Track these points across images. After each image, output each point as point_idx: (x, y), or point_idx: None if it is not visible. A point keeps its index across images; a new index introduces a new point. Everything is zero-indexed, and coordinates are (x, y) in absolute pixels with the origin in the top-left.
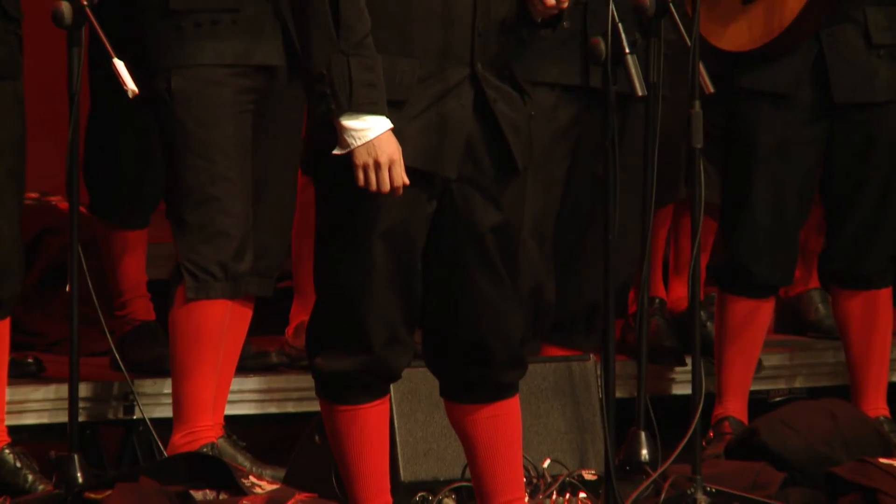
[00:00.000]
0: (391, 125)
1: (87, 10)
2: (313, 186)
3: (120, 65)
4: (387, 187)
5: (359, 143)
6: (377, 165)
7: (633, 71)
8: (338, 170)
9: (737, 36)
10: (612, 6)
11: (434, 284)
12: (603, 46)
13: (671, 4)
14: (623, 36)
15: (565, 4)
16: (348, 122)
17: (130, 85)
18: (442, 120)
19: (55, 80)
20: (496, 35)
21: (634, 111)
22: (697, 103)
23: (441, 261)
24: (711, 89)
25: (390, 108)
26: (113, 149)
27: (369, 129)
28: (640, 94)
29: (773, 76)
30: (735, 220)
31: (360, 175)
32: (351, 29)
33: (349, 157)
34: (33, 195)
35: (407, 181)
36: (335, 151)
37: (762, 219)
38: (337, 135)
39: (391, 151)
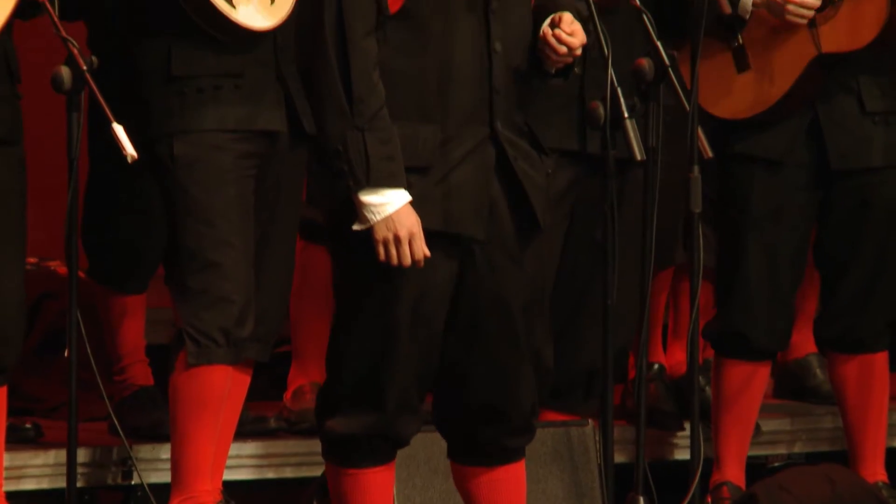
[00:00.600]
0: (409, 198)
1: (87, 76)
2: (312, 250)
3: (119, 130)
4: (408, 261)
5: (378, 217)
6: (397, 240)
7: (631, 135)
8: (358, 239)
9: (732, 103)
10: (610, 71)
11: (452, 345)
12: (602, 111)
13: (670, 70)
14: (622, 100)
15: (578, 53)
16: (367, 198)
17: (129, 150)
18: (465, 182)
19: (54, 144)
20: (513, 92)
21: (632, 175)
22: (696, 168)
23: (462, 323)
24: (710, 154)
25: (414, 174)
26: (112, 213)
27: (388, 204)
28: (638, 158)
29: (768, 142)
30: (730, 285)
31: (381, 250)
32: (364, 103)
33: (369, 232)
34: (32, 260)
35: (427, 253)
36: (354, 227)
37: (757, 284)
38: (356, 209)
39: (410, 224)
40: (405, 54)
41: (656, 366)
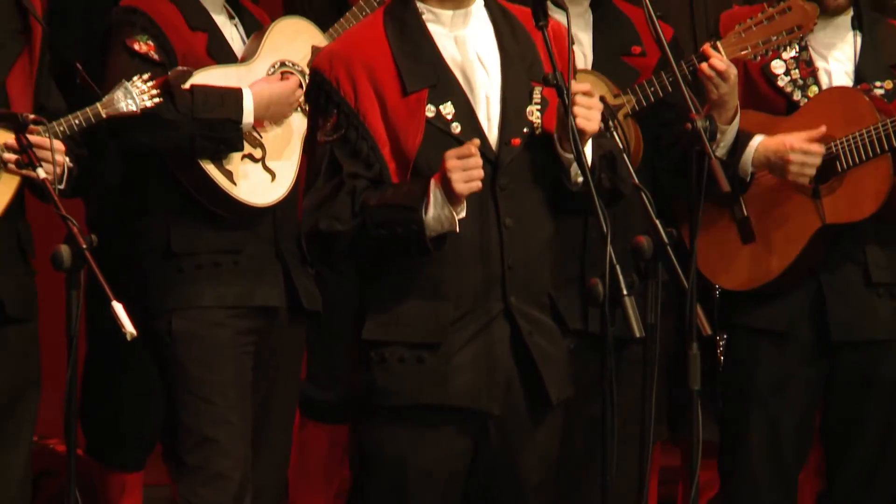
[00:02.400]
0: (433, 181)
1: (87, 254)
2: (311, 428)
3: (118, 308)
4: (479, 169)
5: (446, 215)
6: (459, 176)
7: (630, 313)
8: (373, 415)
9: (736, 275)
10: (609, 248)
11: None
12: (601, 288)
13: (668, 247)
14: (621, 278)
15: (595, 123)
16: (428, 223)
17: (129, 328)
18: (479, 357)
19: (53, 321)
20: (529, 266)
21: (630, 352)
22: (695, 345)
23: (475, 500)
24: (709, 331)
25: (426, 350)
26: (110, 391)
27: (437, 204)
28: (637, 335)
29: (772, 314)
30: (733, 461)
31: (463, 188)
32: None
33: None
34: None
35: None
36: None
37: (759, 461)
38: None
39: (448, 180)
40: None
41: None
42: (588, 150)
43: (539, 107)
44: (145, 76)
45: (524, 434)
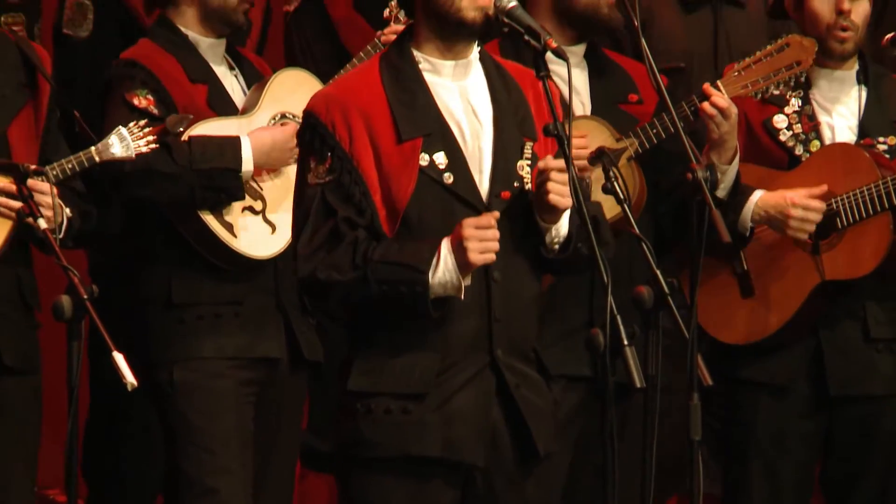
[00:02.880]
0: (446, 240)
1: (88, 304)
2: (312, 478)
3: (119, 358)
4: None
5: (454, 279)
6: (474, 246)
7: (631, 363)
8: (362, 471)
9: (736, 328)
10: (609, 298)
11: None
12: (601, 338)
13: (669, 297)
14: (622, 328)
15: (567, 201)
16: (434, 286)
17: (129, 378)
18: (466, 408)
19: (54, 371)
20: (515, 319)
21: (637, 402)
22: (696, 395)
23: None
24: (710, 381)
25: (412, 401)
26: (112, 442)
27: (446, 270)
28: (637, 385)
29: (772, 368)
30: None
31: (478, 258)
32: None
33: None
34: None
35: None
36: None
37: None
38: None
39: (462, 249)
40: None
41: None
42: (564, 221)
43: (529, 162)
44: (141, 122)
45: (511, 486)
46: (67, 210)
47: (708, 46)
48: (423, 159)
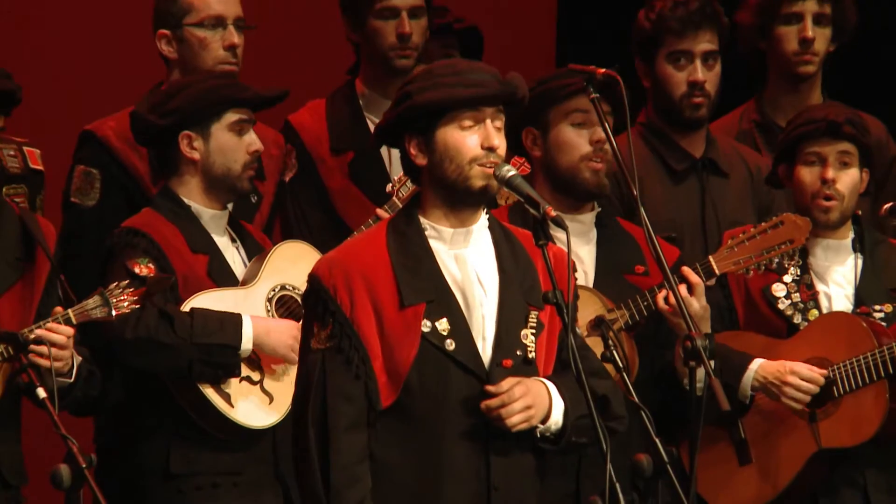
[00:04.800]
0: None
1: (87, 473)
2: None
3: None
4: None
5: None
6: None
7: None
8: None
9: (734, 496)
10: (608, 467)
11: None
12: None
13: (668, 466)
14: (621, 496)
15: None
16: None
17: None
18: None
19: None
20: (514, 488)
21: None
22: None
23: None
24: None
25: None
26: None
27: None
28: None
29: None
30: None
31: None
32: (341, 495)
33: None
34: None
35: None
36: None
37: None
38: None
39: None
40: (397, 448)
41: None
42: (558, 411)
43: (534, 331)
44: (123, 283)
45: None
46: (78, 357)
47: (695, 216)
48: (426, 325)
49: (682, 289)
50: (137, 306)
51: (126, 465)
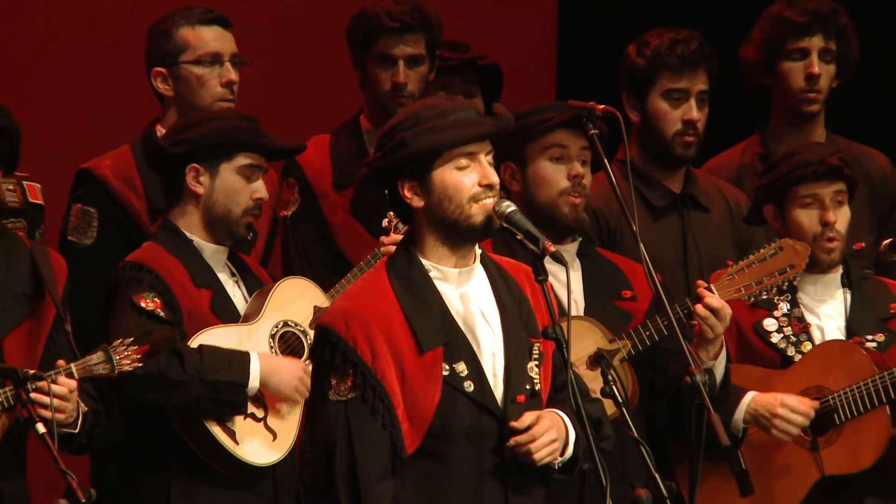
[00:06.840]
0: None
1: None
2: None
3: None
4: None
5: None
6: None
7: None
8: None
9: None
10: (608, 501)
11: None
12: None
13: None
14: None
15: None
16: None
17: None
18: None
19: None
20: None
21: None
22: None
23: None
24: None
25: None
26: None
27: None
28: None
29: None
30: None
31: None
32: None
33: None
34: None
35: None
36: None
37: None
38: None
39: None
40: (419, 492)
41: None
42: (572, 441)
43: (538, 362)
44: (127, 340)
45: None
46: (84, 406)
47: (676, 251)
48: (445, 369)
49: (699, 308)
50: (140, 364)
51: (127, 501)
